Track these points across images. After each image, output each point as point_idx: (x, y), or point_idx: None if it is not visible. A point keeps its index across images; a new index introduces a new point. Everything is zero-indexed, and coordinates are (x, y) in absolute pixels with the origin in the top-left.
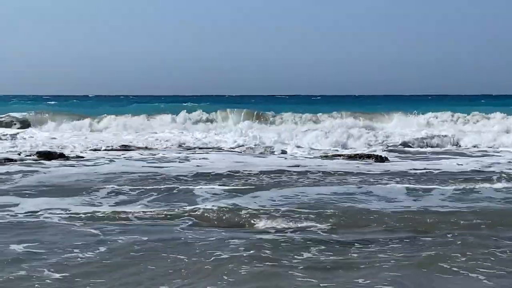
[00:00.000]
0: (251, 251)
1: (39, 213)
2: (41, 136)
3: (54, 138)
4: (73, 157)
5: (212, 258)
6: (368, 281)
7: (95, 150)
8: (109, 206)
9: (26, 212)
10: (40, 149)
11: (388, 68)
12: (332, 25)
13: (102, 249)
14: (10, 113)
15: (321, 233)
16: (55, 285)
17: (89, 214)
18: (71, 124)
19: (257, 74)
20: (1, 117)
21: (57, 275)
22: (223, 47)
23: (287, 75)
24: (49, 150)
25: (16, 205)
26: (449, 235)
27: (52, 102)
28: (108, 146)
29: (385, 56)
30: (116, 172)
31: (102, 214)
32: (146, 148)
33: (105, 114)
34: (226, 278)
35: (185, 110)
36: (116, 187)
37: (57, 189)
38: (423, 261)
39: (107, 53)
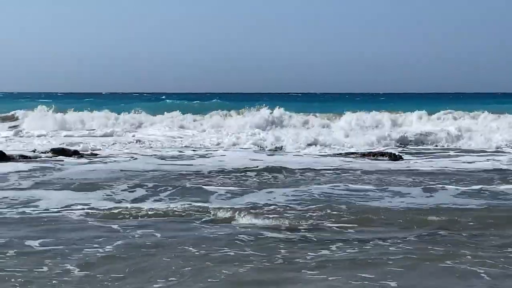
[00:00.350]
0: (263, 248)
1: (60, 209)
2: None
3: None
4: (87, 155)
5: (223, 255)
6: (376, 277)
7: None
8: (128, 202)
9: (47, 208)
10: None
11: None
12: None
13: (120, 243)
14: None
15: (335, 230)
16: (75, 280)
17: (108, 210)
18: None
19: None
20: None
21: (77, 270)
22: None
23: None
24: (63, 147)
25: (38, 200)
26: (464, 234)
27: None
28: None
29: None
30: (134, 169)
31: (121, 209)
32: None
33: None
34: (235, 275)
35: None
36: (135, 183)
37: (77, 185)
38: (435, 259)
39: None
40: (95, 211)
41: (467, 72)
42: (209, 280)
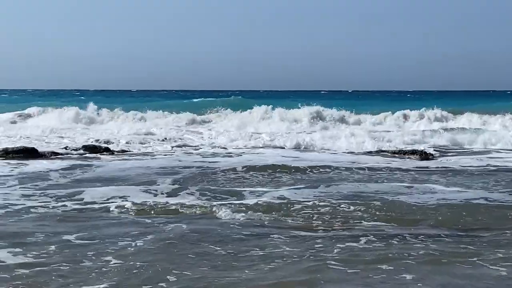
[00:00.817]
0: (292, 243)
1: (100, 204)
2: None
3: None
4: (117, 151)
5: (252, 252)
6: (395, 271)
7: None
8: (164, 197)
9: (88, 203)
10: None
11: None
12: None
13: (153, 238)
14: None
15: (367, 225)
16: (112, 273)
17: (144, 205)
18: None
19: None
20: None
21: (113, 262)
22: None
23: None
24: (94, 144)
25: (80, 196)
26: (495, 234)
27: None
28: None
29: None
30: (170, 166)
31: (156, 204)
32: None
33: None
34: (258, 272)
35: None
36: (170, 179)
37: (115, 181)
38: (461, 258)
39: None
40: (132, 206)
41: None
42: (233, 278)
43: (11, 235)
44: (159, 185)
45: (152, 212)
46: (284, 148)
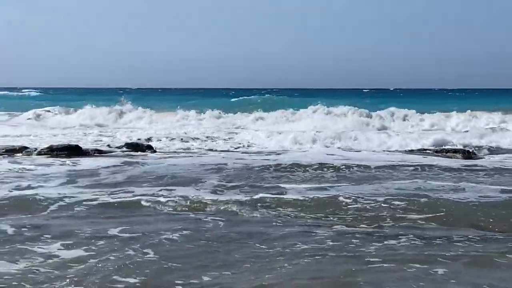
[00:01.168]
0: (333, 241)
1: (147, 200)
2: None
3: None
4: (160, 149)
5: (291, 249)
6: (428, 268)
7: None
8: (209, 194)
9: (136, 199)
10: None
11: None
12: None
13: (188, 233)
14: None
15: (407, 225)
16: (151, 266)
17: (190, 201)
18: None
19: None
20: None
21: (151, 256)
22: None
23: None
24: (137, 142)
25: (129, 193)
26: None
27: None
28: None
29: None
30: (214, 163)
31: (201, 200)
32: None
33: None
34: (299, 268)
35: None
36: (215, 176)
37: (162, 178)
38: (503, 261)
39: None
40: (178, 202)
41: None
42: (273, 274)
43: (64, 230)
44: (205, 182)
45: (197, 208)
46: (329, 147)
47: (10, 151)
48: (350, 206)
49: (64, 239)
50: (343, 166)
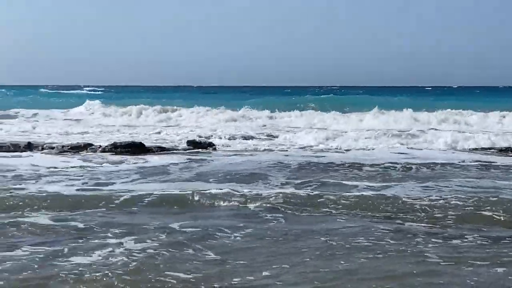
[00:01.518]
0: (396, 238)
1: (213, 196)
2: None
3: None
4: (221, 146)
5: (352, 245)
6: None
7: None
8: (275, 190)
9: (203, 195)
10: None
11: None
12: None
13: (251, 229)
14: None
15: (473, 225)
16: (209, 261)
17: (256, 198)
18: None
19: None
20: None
21: (212, 254)
22: None
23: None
24: (199, 140)
25: (196, 189)
26: None
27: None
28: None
29: None
30: (279, 161)
31: (266, 197)
32: None
33: None
34: (360, 265)
35: None
36: (280, 173)
37: (229, 174)
38: None
39: None
40: (244, 198)
41: None
42: (333, 271)
43: (132, 223)
44: (270, 179)
45: (262, 205)
46: (396, 146)
47: (75, 148)
48: (414, 204)
49: (131, 233)
50: (408, 164)
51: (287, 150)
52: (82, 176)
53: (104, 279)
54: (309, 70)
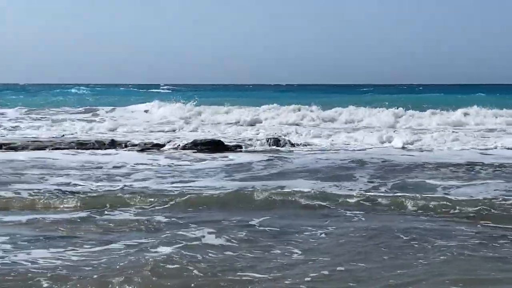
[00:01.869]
0: (475, 238)
1: (297, 193)
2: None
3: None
4: (298, 144)
5: (434, 246)
6: None
7: None
8: (357, 189)
9: (285, 192)
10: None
11: None
12: None
13: (333, 228)
14: None
15: None
16: (298, 262)
17: (337, 197)
18: None
19: None
20: None
21: (298, 252)
22: None
23: None
24: (277, 137)
25: (280, 185)
26: None
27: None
28: None
29: None
30: (360, 159)
31: (348, 196)
32: None
33: None
34: (432, 267)
35: None
36: (363, 172)
37: (312, 172)
38: None
39: None
40: (324, 196)
41: None
42: (407, 270)
43: (213, 219)
44: (353, 178)
45: (343, 203)
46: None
47: (157, 146)
48: (501, 205)
49: (212, 228)
50: (497, 163)
51: (371, 148)
52: (169, 173)
53: (185, 273)
54: None
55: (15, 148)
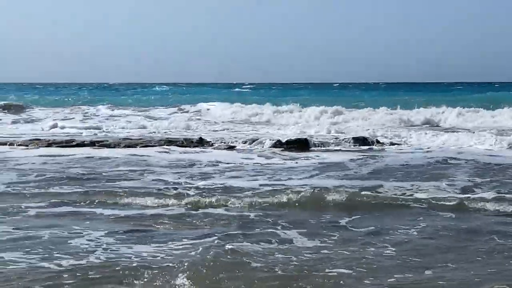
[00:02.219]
0: None
1: (393, 194)
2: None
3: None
4: (383, 144)
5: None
6: None
7: None
8: (453, 190)
9: (382, 191)
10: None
11: None
12: None
13: (427, 229)
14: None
15: None
16: (379, 259)
17: (433, 197)
18: None
19: None
20: None
21: (390, 249)
22: None
23: None
24: (364, 136)
25: (376, 184)
26: None
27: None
28: None
29: None
30: (456, 158)
31: (441, 197)
32: None
33: None
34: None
35: None
36: (459, 173)
37: (407, 172)
38: None
39: None
40: (423, 196)
41: None
42: (501, 273)
43: (300, 219)
44: (451, 178)
45: (435, 204)
46: None
47: (244, 144)
48: None
49: (301, 228)
50: None
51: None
52: (261, 171)
53: (277, 273)
54: None
55: (107, 146)
